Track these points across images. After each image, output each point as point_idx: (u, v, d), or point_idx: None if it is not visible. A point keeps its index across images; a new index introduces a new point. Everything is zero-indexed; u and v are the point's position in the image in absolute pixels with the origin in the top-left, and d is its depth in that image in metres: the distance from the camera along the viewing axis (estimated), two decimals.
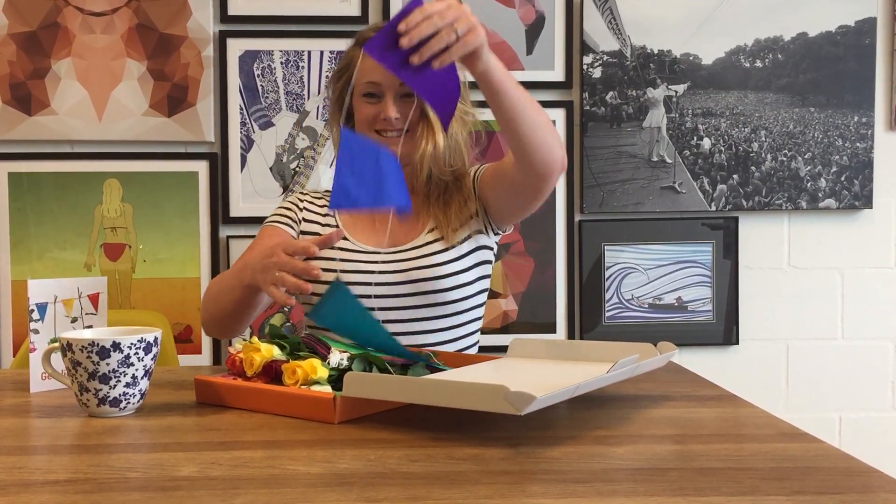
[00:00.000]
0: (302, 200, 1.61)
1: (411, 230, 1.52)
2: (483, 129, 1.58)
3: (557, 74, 2.30)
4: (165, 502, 0.73)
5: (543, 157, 1.34)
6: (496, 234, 1.57)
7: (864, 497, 0.73)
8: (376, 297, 1.44)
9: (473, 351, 1.57)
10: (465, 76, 1.50)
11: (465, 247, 1.51)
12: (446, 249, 1.48)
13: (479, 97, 1.60)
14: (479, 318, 1.57)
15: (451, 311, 1.49)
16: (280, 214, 1.59)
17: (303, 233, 1.57)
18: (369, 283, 1.44)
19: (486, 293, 1.58)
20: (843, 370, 2.37)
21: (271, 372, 1.11)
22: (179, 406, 1.12)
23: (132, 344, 1.04)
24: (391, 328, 1.44)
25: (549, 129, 1.34)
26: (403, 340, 1.42)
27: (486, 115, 1.60)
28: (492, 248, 1.57)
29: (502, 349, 1.33)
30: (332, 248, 1.47)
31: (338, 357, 1.11)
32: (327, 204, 1.59)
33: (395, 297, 1.46)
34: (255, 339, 1.16)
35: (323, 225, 1.57)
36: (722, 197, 2.32)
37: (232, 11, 2.24)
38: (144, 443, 0.94)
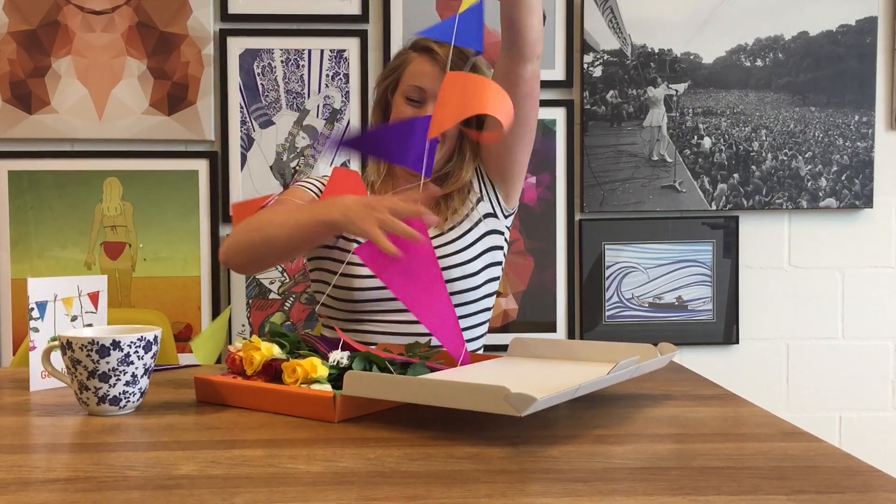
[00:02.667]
0: (319, 183, 1.61)
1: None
2: None
3: (558, 73, 2.30)
4: (165, 501, 0.72)
5: (527, 37, 1.40)
6: (507, 215, 1.59)
7: (864, 496, 0.73)
8: (383, 288, 1.46)
9: (479, 343, 1.58)
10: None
11: (472, 235, 1.52)
12: (452, 241, 1.50)
13: None
14: (488, 309, 1.58)
15: (457, 302, 1.49)
16: (311, 183, 1.58)
17: None
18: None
19: (495, 283, 1.58)
20: (843, 370, 2.37)
21: (271, 370, 1.11)
22: (179, 405, 1.12)
23: (132, 342, 1.04)
24: (398, 317, 1.47)
25: (539, 13, 1.40)
26: (410, 330, 1.43)
27: None
28: (503, 233, 1.59)
29: (502, 348, 1.33)
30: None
31: (338, 355, 1.11)
32: None
33: None
34: (255, 337, 1.16)
35: None
36: (722, 196, 2.32)
37: (232, 10, 2.24)
38: (144, 441, 0.94)
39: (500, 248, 1.58)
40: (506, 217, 1.60)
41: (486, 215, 1.56)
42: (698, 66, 2.31)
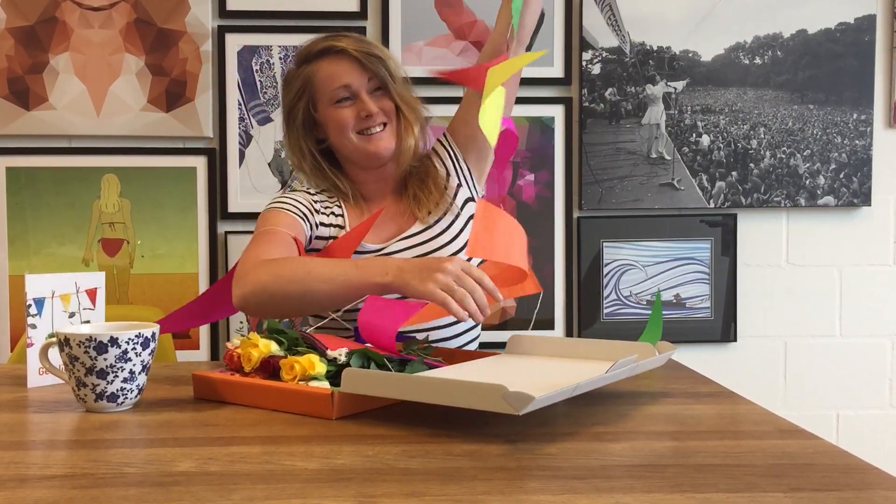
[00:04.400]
0: (315, 202, 1.52)
1: (404, 223, 1.53)
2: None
3: (556, 71, 2.30)
4: (162, 497, 0.72)
5: (525, 25, 1.52)
6: (481, 196, 1.62)
7: (861, 494, 0.73)
8: None
9: (475, 334, 1.58)
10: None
11: (456, 226, 1.52)
12: (438, 235, 1.50)
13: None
14: None
15: None
16: (293, 204, 1.48)
17: (317, 237, 1.51)
18: None
19: None
20: (840, 367, 2.37)
21: (269, 367, 1.11)
22: (177, 401, 1.12)
23: (130, 339, 1.04)
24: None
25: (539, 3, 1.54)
26: (406, 331, 1.43)
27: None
28: None
29: (500, 345, 1.33)
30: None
31: (336, 352, 1.11)
32: (327, 199, 1.56)
33: None
34: (253, 334, 1.15)
35: (332, 226, 1.51)
36: (720, 194, 2.32)
37: (230, 6, 2.24)
38: (142, 438, 0.94)
39: None
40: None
41: (467, 200, 1.57)
42: (697, 63, 2.31)
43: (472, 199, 1.58)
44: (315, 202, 1.52)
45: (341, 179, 1.55)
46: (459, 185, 1.58)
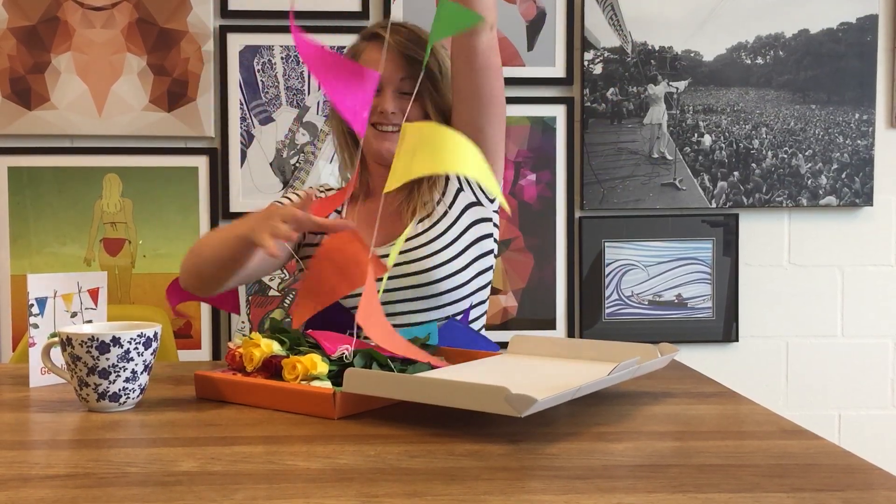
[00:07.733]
0: (317, 196, 1.55)
1: (398, 224, 1.49)
2: None
3: (558, 71, 2.30)
4: (165, 497, 0.72)
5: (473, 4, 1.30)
6: (492, 200, 1.52)
7: (864, 494, 0.73)
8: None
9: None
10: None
11: (455, 230, 1.47)
12: (435, 238, 1.45)
13: None
14: (483, 302, 1.54)
15: (445, 302, 1.46)
16: (289, 199, 1.54)
17: (311, 233, 1.52)
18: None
19: (488, 274, 1.54)
20: (842, 368, 2.37)
21: (271, 367, 1.11)
22: (179, 401, 1.12)
23: (132, 339, 1.04)
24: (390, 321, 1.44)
25: None
26: (402, 334, 1.42)
27: None
28: (490, 219, 1.53)
29: (502, 346, 1.33)
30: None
31: (340, 350, 1.11)
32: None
33: (387, 291, 1.44)
34: (255, 334, 1.16)
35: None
36: (722, 194, 2.31)
37: (232, 6, 2.24)
38: (144, 438, 0.94)
39: (489, 235, 1.53)
40: (491, 202, 1.53)
41: (469, 205, 1.50)
42: (699, 63, 2.31)
43: (476, 203, 1.51)
44: (317, 196, 1.52)
45: (361, 169, 1.54)
46: (460, 190, 1.51)
